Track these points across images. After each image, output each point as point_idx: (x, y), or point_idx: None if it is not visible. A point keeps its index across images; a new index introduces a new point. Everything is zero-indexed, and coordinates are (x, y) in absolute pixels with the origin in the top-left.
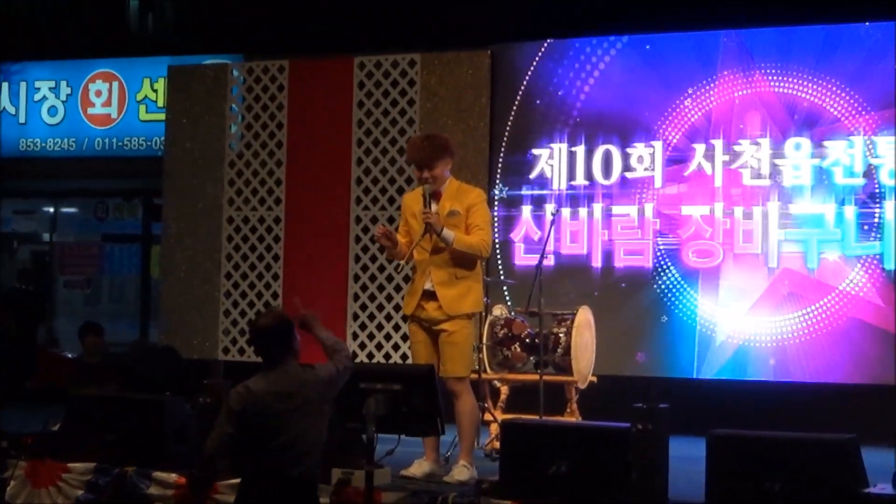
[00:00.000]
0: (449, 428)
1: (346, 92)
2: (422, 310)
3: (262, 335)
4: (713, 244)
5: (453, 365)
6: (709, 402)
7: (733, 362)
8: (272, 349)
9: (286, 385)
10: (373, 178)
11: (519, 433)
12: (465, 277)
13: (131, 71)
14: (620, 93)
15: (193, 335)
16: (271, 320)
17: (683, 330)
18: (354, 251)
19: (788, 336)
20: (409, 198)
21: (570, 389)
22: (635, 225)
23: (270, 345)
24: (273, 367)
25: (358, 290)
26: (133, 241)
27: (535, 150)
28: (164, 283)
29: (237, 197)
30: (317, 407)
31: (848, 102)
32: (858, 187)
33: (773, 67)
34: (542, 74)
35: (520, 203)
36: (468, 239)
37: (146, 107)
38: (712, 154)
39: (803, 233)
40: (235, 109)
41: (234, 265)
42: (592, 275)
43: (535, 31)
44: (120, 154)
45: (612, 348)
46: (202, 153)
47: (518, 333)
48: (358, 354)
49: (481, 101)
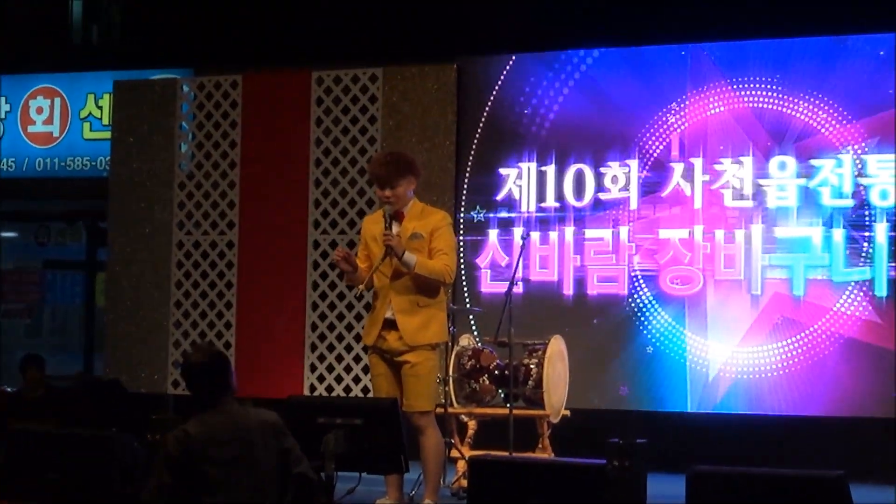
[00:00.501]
0: (413, 465)
1: (303, 108)
2: (382, 340)
3: (195, 373)
4: (693, 270)
5: (417, 399)
6: (689, 437)
7: (712, 394)
8: (208, 388)
9: (226, 429)
10: (332, 200)
11: (488, 470)
12: (427, 305)
13: (74, 86)
14: (593, 109)
15: (141, 367)
16: (205, 356)
17: (662, 360)
18: (313, 278)
19: (771, 368)
20: (370, 220)
21: (542, 424)
22: (609, 249)
23: (206, 383)
24: (210, 408)
25: (316, 320)
26: (76, 268)
27: (502, 169)
28: (109, 313)
29: (187, 220)
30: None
31: (835, 118)
32: (847, 209)
33: (755, 82)
34: (511, 90)
35: (486, 226)
36: (431, 263)
37: (90, 124)
38: (691, 173)
39: (789, 257)
40: (185, 127)
41: (185, 293)
42: (564, 303)
43: (503, 44)
44: (62, 175)
45: (584, 380)
46: (150, 174)
47: (486, 365)
48: (316, 387)
49: (447, 117)
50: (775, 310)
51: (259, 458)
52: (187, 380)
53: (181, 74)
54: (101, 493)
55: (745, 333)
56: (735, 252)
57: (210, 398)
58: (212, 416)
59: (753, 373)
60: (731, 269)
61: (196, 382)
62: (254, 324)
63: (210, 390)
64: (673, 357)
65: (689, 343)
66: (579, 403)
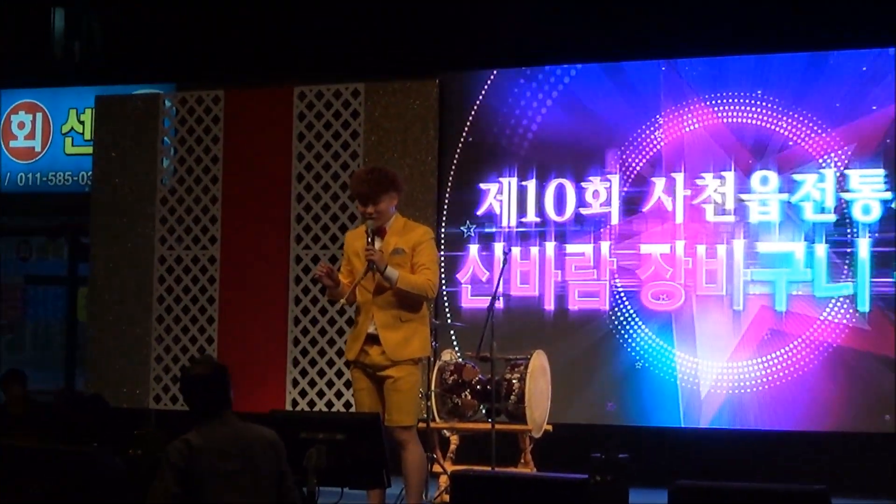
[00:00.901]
0: (395, 480)
1: (285, 123)
2: (365, 355)
3: (198, 385)
4: (674, 285)
5: (399, 413)
6: (672, 452)
7: (690, 409)
8: (209, 400)
9: (229, 441)
10: (314, 215)
11: (470, 485)
12: (410, 320)
13: (56, 101)
14: (574, 124)
15: (123, 382)
16: (208, 368)
17: (644, 376)
18: (294, 293)
19: (754, 384)
20: (352, 236)
21: (524, 439)
22: (591, 265)
23: (208, 396)
24: (209, 421)
25: (298, 334)
26: (58, 283)
27: (483, 184)
28: (91, 328)
29: (169, 235)
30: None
31: (818, 134)
32: (829, 223)
33: (735, 97)
34: (492, 105)
35: (467, 241)
36: (413, 278)
37: (72, 139)
38: (673, 188)
39: (771, 273)
40: (168, 142)
41: (167, 308)
42: (545, 318)
43: (485, 59)
44: (44, 190)
45: (567, 395)
46: (132, 189)
47: (468, 380)
48: (298, 402)
49: (429, 133)
50: (758, 325)
51: (260, 472)
52: (188, 392)
53: (163, 90)
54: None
55: (728, 348)
56: (717, 267)
57: (212, 410)
58: (214, 428)
59: (737, 388)
60: (712, 285)
61: (197, 395)
62: (236, 339)
63: (212, 402)
64: (654, 372)
65: (668, 357)
66: (561, 418)
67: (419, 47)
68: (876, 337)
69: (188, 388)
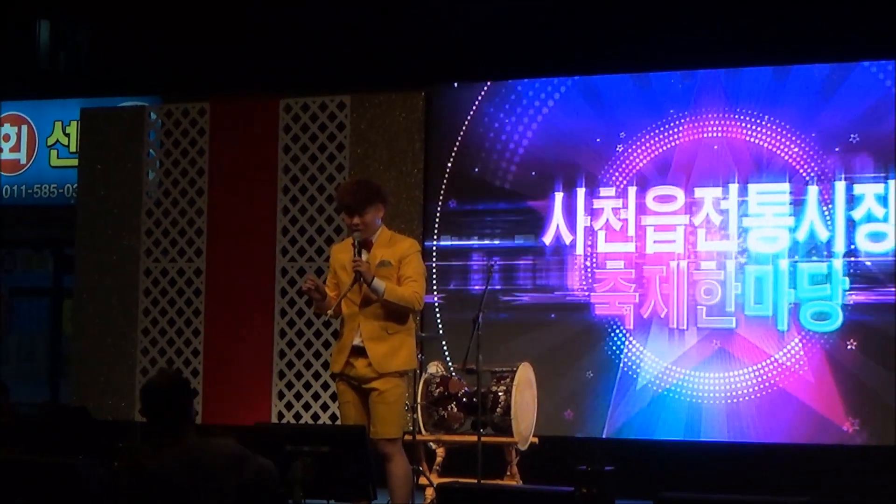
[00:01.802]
0: (380, 493)
1: (271, 136)
2: (351, 367)
3: (154, 398)
4: (662, 298)
5: (384, 426)
6: (656, 464)
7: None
8: (166, 416)
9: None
10: (300, 227)
11: (456, 498)
12: (396, 332)
13: (41, 114)
14: (565, 138)
15: (108, 395)
16: (167, 381)
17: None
18: (280, 305)
19: (739, 394)
20: (338, 249)
21: (510, 451)
22: (580, 276)
23: (164, 411)
24: (168, 438)
25: (284, 347)
26: (43, 295)
27: (472, 197)
28: (76, 340)
29: (155, 248)
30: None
31: (804, 150)
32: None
33: (728, 111)
34: (482, 119)
35: (458, 254)
36: (400, 290)
37: (57, 152)
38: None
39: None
40: (153, 154)
41: (152, 320)
42: (532, 330)
43: (475, 72)
44: (29, 202)
45: (552, 407)
46: (117, 201)
47: (454, 392)
48: (284, 415)
49: (415, 146)
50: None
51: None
52: (145, 405)
53: (149, 102)
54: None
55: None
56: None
57: (168, 428)
58: (168, 450)
59: (721, 399)
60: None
61: (154, 409)
62: (221, 351)
63: (168, 419)
64: (634, 378)
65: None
66: (547, 431)
67: (406, 60)
68: None
69: (145, 400)
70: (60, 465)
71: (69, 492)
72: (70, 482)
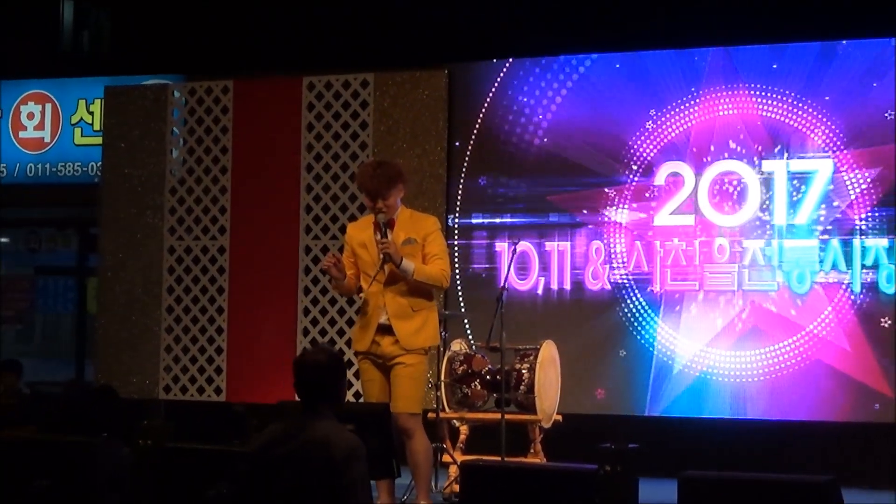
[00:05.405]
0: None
1: (294, 114)
2: (377, 345)
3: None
4: (686, 274)
5: (407, 401)
6: (679, 442)
7: (694, 396)
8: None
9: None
10: (323, 205)
11: (479, 476)
12: (421, 309)
13: (65, 92)
14: (588, 114)
15: (132, 373)
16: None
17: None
18: (304, 283)
19: (755, 372)
20: (355, 227)
21: (534, 429)
22: (603, 253)
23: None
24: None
25: (308, 325)
26: (67, 274)
27: (495, 174)
28: (100, 318)
29: (179, 226)
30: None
31: (829, 128)
32: (839, 218)
33: (756, 88)
34: (504, 95)
35: (478, 231)
36: (428, 269)
37: (81, 130)
38: (686, 179)
39: (785, 263)
40: (177, 133)
41: (176, 298)
42: (555, 308)
43: (497, 48)
44: (53, 181)
45: (573, 385)
46: (141, 179)
47: (478, 370)
48: None
49: (438, 123)
50: (758, 316)
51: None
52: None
53: (172, 80)
54: (88, 500)
55: (735, 339)
56: (730, 259)
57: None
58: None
59: (735, 377)
60: (726, 276)
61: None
62: (245, 329)
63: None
64: (661, 359)
65: (672, 345)
66: (571, 408)
67: (429, 37)
68: None
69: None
70: (82, 444)
71: (92, 471)
72: (93, 461)
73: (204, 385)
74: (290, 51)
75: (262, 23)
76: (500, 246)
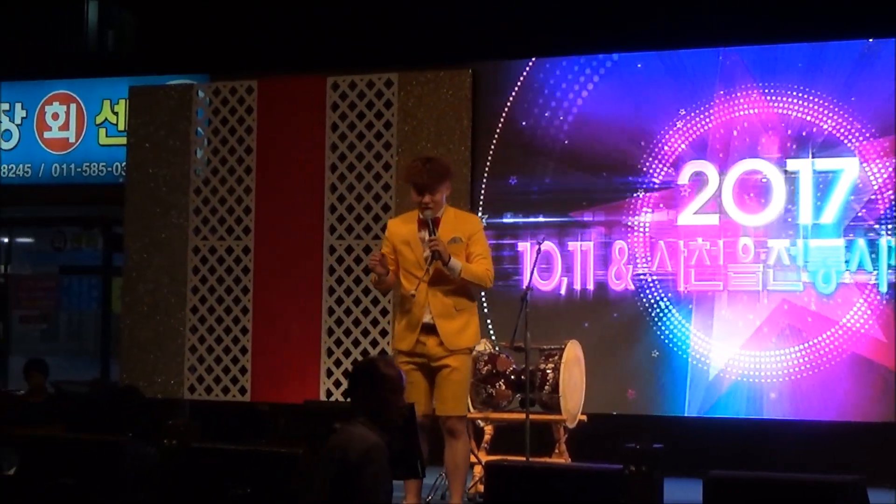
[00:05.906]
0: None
1: (318, 114)
2: (422, 345)
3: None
4: (712, 274)
5: (455, 403)
6: (704, 442)
7: (727, 398)
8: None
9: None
10: (347, 205)
11: (504, 476)
12: (464, 309)
13: (90, 92)
14: (611, 113)
15: (157, 373)
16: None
17: (673, 363)
18: (328, 283)
19: (786, 372)
20: (396, 224)
21: (559, 429)
22: (627, 253)
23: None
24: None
25: (332, 325)
26: (92, 273)
27: (518, 174)
28: (125, 318)
29: (203, 226)
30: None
31: (855, 127)
32: (864, 215)
33: (775, 87)
34: (528, 95)
35: (503, 231)
36: (474, 268)
37: (106, 130)
38: (710, 178)
39: (811, 263)
40: (201, 133)
41: (201, 298)
42: (580, 308)
43: (520, 48)
44: (78, 181)
45: (601, 385)
46: (166, 179)
47: (503, 370)
48: (333, 392)
49: (462, 123)
50: (789, 315)
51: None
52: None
53: (197, 80)
54: (114, 498)
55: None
56: (756, 258)
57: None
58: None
59: (765, 377)
60: (751, 276)
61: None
62: (270, 329)
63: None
64: (684, 358)
65: (704, 347)
66: (596, 408)
67: (453, 37)
68: None
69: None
70: (109, 444)
71: (118, 470)
72: (119, 460)
73: (229, 385)
74: (314, 51)
75: (286, 23)
76: (522, 246)
